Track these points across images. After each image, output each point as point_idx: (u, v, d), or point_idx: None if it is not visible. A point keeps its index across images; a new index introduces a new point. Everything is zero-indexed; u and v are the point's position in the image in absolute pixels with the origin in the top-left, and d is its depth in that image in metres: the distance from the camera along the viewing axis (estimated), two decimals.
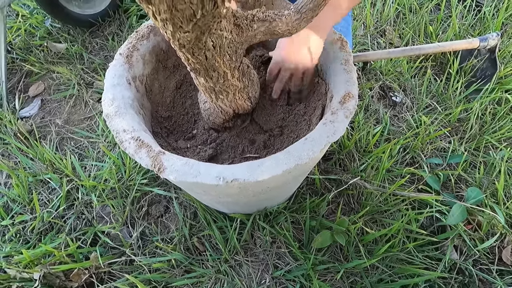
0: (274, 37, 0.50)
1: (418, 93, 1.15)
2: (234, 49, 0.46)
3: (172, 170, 0.49)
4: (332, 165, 0.95)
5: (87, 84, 1.19)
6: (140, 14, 1.41)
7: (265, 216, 0.84)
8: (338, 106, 0.55)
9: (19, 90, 1.19)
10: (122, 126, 0.54)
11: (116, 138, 0.53)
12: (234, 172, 0.48)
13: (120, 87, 0.61)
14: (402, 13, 1.38)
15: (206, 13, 0.32)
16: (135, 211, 0.89)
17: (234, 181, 0.48)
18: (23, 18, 1.37)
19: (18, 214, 0.89)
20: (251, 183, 0.48)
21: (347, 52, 0.63)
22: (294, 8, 0.47)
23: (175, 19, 0.31)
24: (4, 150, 1.02)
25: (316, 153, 0.50)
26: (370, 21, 1.32)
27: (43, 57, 1.25)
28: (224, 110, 0.61)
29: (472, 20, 1.34)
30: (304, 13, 0.47)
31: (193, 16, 0.31)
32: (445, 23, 1.36)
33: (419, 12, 1.35)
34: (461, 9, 1.36)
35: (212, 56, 0.43)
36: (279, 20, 0.47)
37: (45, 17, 1.38)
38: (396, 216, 0.86)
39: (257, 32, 0.47)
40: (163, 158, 0.50)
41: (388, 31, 1.33)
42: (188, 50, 0.39)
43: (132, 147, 0.51)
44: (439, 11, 1.39)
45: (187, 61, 0.43)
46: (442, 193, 0.91)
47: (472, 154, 1.01)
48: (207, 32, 0.36)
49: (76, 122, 1.11)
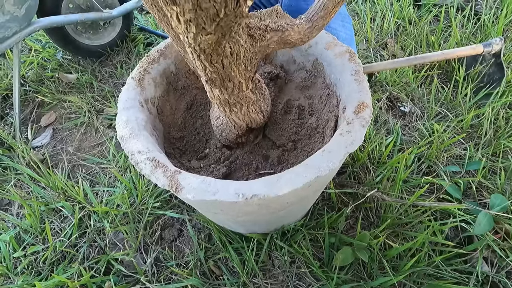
0: (287, 46, 0.51)
1: (427, 102, 1.14)
2: (248, 58, 0.47)
3: (189, 189, 0.47)
4: (346, 179, 0.93)
5: (98, 111, 1.21)
6: (147, 42, 1.46)
7: (283, 234, 0.81)
8: (353, 116, 0.55)
9: (32, 120, 1.22)
10: (137, 148, 0.54)
11: (132, 159, 0.53)
12: (253, 187, 0.47)
13: (133, 110, 0.61)
14: (402, 26, 1.41)
15: (229, 12, 0.32)
16: (148, 236, 0.86)
17: (253, 197, 0.46)
18: (36, 52, 1.42)
19: (30, 245, 0.87)
20: (271, 198, 0.47)
21: (356, 63, 0.63)
22: (305, 17, 0.48)
23: (199, 19, 0.32)
24: (16, 180, 1.03)
25: (335, 164, 0.48)
26: (371, 35, 1.35)
27: (54, 88, 1.29)
28: (238, 124, 0.61)
29: (473, 28, 1.35)
30: (316, 21, 0.47)
31: (216, 16, 0.32)
32: (446, 32, 1.38)
33: (418, 24, 1.38)
34: (460, 18, 1.38)
35: (229, 64, 0.43)
36: (291, 30, 0.48)
37: (56, 50, 1.43)
38: (419, 228, 0.82)
39: (271, 42, 0.48)
40: (180, 177, 0.49)
41: (390, 43, 1.35)
42: (207, 57, 0.39)
43: (148, 168, 0.51)
44: (438, 22, 1.42)
45: (204, 70, 0.43)
46: (464, 201, 0.87)
47: (490, 160, 0.98)
48: (228, 35, 0.37)
49: (87, 149, 1.12)
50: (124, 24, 1.38)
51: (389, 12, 1.41)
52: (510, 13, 1.34)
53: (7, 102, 1.28)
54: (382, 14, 1.43)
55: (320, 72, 0.73)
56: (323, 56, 0.71)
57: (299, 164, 0.50)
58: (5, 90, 1.29)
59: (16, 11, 0.95)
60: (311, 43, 0.73)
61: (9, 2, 0.91)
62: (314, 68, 0.75)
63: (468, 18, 1.39)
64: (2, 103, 1.27)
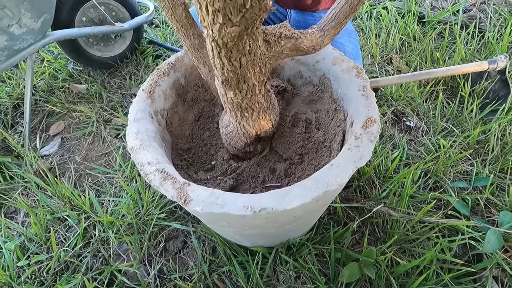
0: (300, 53, 0.52)
1: (432, 117, 1.14)
2: (264, 62, 0.49)
3: (198, 201, 0.48)
4: (352, 193, 0.93)
5: (105, 121, 1.23)
6: (155, 54, 1.49)
7: (288, 248, 0.80)
8: (361, 131, 0.55)
9: (41, 129, 1.24)
10: (146, 159, 0.54)
11: (141, 170, 0.53)
12: (261, 201, 0.47)
13: (144, 121, 0.62)
14: (406, 42, 1.43)
15: (254, 4, 0.35)
16: (153, 247, 0.86)
17: (262, 210, 0.46)
18: (48, 62, 1.46)
19: (34, 254, 0.87)
20: (279, 212, 0.47)
21: (363, 78, 0.64)
22: (317, 27, 0.50)
23: (226, 8, 0.34)
24: (24, 188, 1.03)
25: (344, 178, 0.48)
26: (376, 50, 1.37)
27: (64, 97, 1.31)
28: (247, 131, 0.62)
29: (477, 46, 1.37)
30: (327, 31, 0.49)
31: (243, 6, 0.34)
32: (450, 49, 1.39)
33: (423, 40, 1.40)
34: (465, 35, 1.40)
35: (246, 63, 0.45)
36: (304, 37, 0.50)
37: (67, 61, 1.47)
38: (427, 245, 0.81)
39: (284, 48, 0.50)
40: (189, 189, 0.50)
41: (395, 59, 1.37)
42: (227, 53, 0.41)
43: (157, 179, 0.51)
44: (443, 38, 1.44)
45: (222, 69, 0.45)
46: (473, 218, 0.86)
47: (498, 177, 0.97)
48: (250, 29, 0.39)
49: (94, 158, 1.13)
50: (134, 37, 1.42)
51: (394, 29, 1.44)
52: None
53: (17, 111, 1.31)
54: (387, 30, 1.46)
55: (327, 86, 0.74)
56: (330, 71, 0.72)
57: (307, 178, 0.50)
58: (16, 99, 1.32)
59: (32, 24, 0.99)
60: (319, 59, 0.75)
61: (27, 16, 0.94)
62: (321, 82, 0.76)
63: (473, 35, 1.40)
64: (13, 112, 1.30)
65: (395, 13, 1.51)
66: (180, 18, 0.58)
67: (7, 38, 0.95)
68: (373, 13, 1.55)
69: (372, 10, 1.57)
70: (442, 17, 1.50)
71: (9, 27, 0.92)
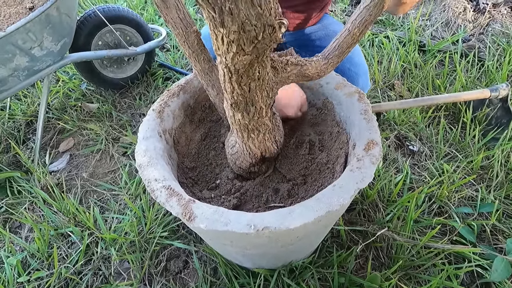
0: (305, 79, 0.56)
1: (435, 142, 1.15)
2: (271, 86, 0.51)
3: (202, 218, 0.49)
4: (356, 216, 0.92)
5: (114, 139, 1.26)
6: (165, 76, 1.55)
7: (290, 271, 0.79)
8: (363, 153, 0.57)
9: (51, 146, 1.27)
10: (154, 176, 0.56)
11: (148, 187, 0.55)
12: (265, 219, 0.48)
13: (152, 139, 0.65)
14: (408, 69, 1.47)
15: (266, 36, 0.38)
16: (153, 266, 0.85)
17: (265, 229, 0.47)
18: (63, 82, 1.53)
19: (35, 270, 0.86)
20: (282, 231, 0.47)
21: (365, 103, 0.67)
22: (322, 55, 0.53)
23: (240, 40, 0.37)
24: (30, 203, 1.05)
25: (346, 199, 0.49)
26: (379, 76, 1.41)
27: (76, 116, 1.36)
28: (253, 151, 0.64)
29: (477, 74, 1.40)
30: (331, 59, 0.53)
31: (255, 38, 0.37)
32: (451, 76, 1.43)
33: (424, 67, 1.44)
34: (465, 64, 1.44)
35: (254, 88, 0.48)
36: (309, 65, 0.53)
37: (81, 81, 1.53)
38: (433, 272, 0.79)
39: (290, 74, 0.53)
40: (194, 206, 0.51)
41: (397, 85, 1.41)
42: (238, 78, 0.44)
43: (164, 196, 0.53)
44: (443, 66, 1.48)
45: (232, 93, 0.48)
46: (479, 245, 0.85)
47: (503, 203, 0.96)
48: (260, 57, 0.42)
49: (101, 175, 1.15)
50: (146, 60, 1.49)
51: (395, 56, 1.49)
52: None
53: (30, 128, 1.35)
54: (388, 57, 1.51)
55: (330, 110, 0.77)
56: (333, 95, 0.75)
57: (310, 198, 0.51)
58: (30, 116, 1.37)
59: (52, 47, 1.05)
60: (322, 83, 0.78)
61: (48, 40, 1.01)
62: (325, 106, 0.79)
63: (472, 63, 1.45)
64: (25, 128, 1.34)
65: (396, 42, 1.57)
66: (192, 44, 0.62)
67: (28, 60, 1.01)
68: (375, 41, 1.61)
69: (374, 38, 1.63)
70: (442, 46, 1.55)
71: (31, 49, 0.99)
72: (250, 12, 0.34)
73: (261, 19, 0.35)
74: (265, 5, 0.34)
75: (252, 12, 0.34)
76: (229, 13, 0.34)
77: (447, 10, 1.74)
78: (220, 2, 0.33)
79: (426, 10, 1.80)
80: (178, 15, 0.61)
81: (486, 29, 1.66)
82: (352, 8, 1.96)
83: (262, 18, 0.35)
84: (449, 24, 1.71)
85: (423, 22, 1.75)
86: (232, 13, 0.34)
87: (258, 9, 0.34)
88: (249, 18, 0.34)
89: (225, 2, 0.33)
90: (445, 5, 1.76)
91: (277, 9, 0.37)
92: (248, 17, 0.34)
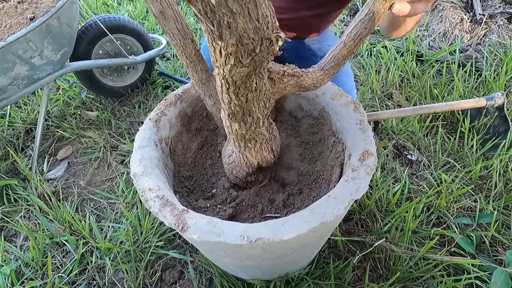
0: (302, 90, 0.56)
1: (433, 151, 1.15)
2: (268, 97, 0.52)
3: (195, 229, 0.48)
4: (353, 226, 0.91)
5: (112, 147, 1.26)
6: (165, 85, 1.56)
7: (286, 283, 0.78)
8: (358, 163, 0.56)
9: (49, 153, 1.27)
10: (148, 185, 0.56)
11: (142, 197, 0.55)
12: (258, 230, 0.48)
13: (148, 148, 0.65)
14: (406, 78, 1.48)
15: (263, 49, 0.38)
16: (148, 276, 0.84)
17: (258, 240, 0.46)
18: (63, 90, 1.54)
19: (29, 280, 0.86)
20: (275, 242, 0.47)
21: (361, 113, 0.67)
22: (318, 66, 0.54)
23: (238, 53, 0.37)
24: (26, 211, 1.04)
25: (340, 210, 0.49)
26: (377, 85, 1.42)
27: (75, 123, 1.37)
28: (250, 161, 0.64)
29: (475, 83, 1.41)
30: (327, 70, 0.53)
31: (252, 51, 0.38)
32: (449, 86, 1.44)
33: (422, 77, 1.45)
34: (462, 73, 1.45)
35: (252, 99, 0.48)
36: (305, 76, 0.53)
37: (81, 89, 1.55)
38: (431, 284, 0.78)
39: (287, 85, 0.54)
40: (187, 216, 0.50)
41: (395, 94, 1.41)
42: (235, 89, 0.45)
43: (157, 206, 0.52)
44: (441, 76, 1.49)
45: (229, 103, 0.48)
46: (478, 256, 0.84)
47: (502, 214, 0.95)
48: (258, 69, 0.42)
49: (98, 183, 1.14)
50: (146, 69, 1.50)
51: (393, 66, 1.50)
52: (510, 70, 1.41)
53: (29, 135, 1.36)
54: (386, 67, 1.52)
55: (326, 119, 0.77)
56: (329, 105, 0.75)
57: (305, 208, 0.51)
58: (29, 124, 1.38)
59: (53, 56, 1.06)
60: (318, 93, 0.78)
61: (48, 49, 1.02)
62: (321, 116, 0.79)
63: (470, 73, 1.45)
64: (25, 136, 1.34)
65: (394, 52, 1.58)
66: (190, 55, 0.63)
67: (28, 68, 1.02)
68: (373, 51, 1.63)
69: (372, 48, 1.65)
70: (440, 56, 1.56)
71: (31, 58, 1.00)
72: (248, 26, 0.34)
73: (259, 33, 0.36)
74: (262, 19, 0.35)
75: (250, 26, 0.34)
76: (227, 27, 0.34)
77: (444, 21, 1.76)
78: (219, 16, 0.33)
79: (423, 21, 1.82)
80: (176, 26, 0.62)
81: (483, 39, 1.68)
82: (351, 19, 1.98)
83: (259, 32, 0.36)
84: (447, 34, 1.73)
85: (421, 32, 1.77)
86: (230, 26, 0.34)
87: (255, 23, 0.35)
88: (247, 32, 0.35)
89: (223, 16, 0.33)
90: (442, 16, 1.78)
91: (274, 22, 0.37)
92: (246, 30, 0.35)
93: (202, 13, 0.33)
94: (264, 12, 0.34)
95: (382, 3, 0.49)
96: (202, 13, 0.33)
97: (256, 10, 0.33)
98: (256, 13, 0.34)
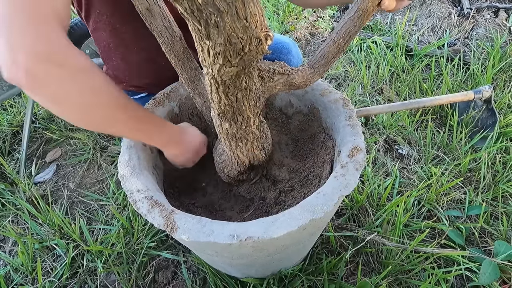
0: (292, 88, 0.56)
1: (423, 145, 1.16)
2: (258, 96, 0.51)
3: (185, 229, 0.48)
4: (346, 221, 0.92)
5: (102, 149, 1.24)
6: None
7: (280, 280, 0.78)
8: (347, 159, 0.56)
9: (37, 156, 1.25)
10: (136, 186, 0.55)
11: (130, 198, 0.54)
12: (248, 229, 0.47)
13: (136, 149, 0.64)
14: (395, 73, 1.49)
15: (252, 48, 0.37)
16: (141, 278, 0.83)
17: (248, 239, 0.46)
18: None
19: (19, 285, 0.84)
20: (266, 241, 0.47)
21: (350, 109, 0.67)
22: (308, 64, 0.53)
23: (226, 52, 0.37)
24: (14, 216, 1.02)
25: (330, 207, 0.49)
26: (367, 81, 1.42)
27: (63, 125, 1.34)
28: (241, 160, 0.63)
29: (463, 77, 1.43)
30: (317, 68, 0.53)
31: (241, 50, 0.37)
32: (438, 80, 1.45)
33: (411, 72, 1.46)
34: (451, 67, 1.47)
35: (242, 98, 0.47)
36: (295, 74, 0.53)
37: None
38: (422, 276, 0.79)
39: (277, 83, 0.53)
40: (176, 217, 0.50)
41: (385, 89, 1.42)
42: (225, 89, 0.44)
43: (145, 207, 0.52)
44: (430, 70, 1.50)
45: (219, 103, 0.48)
46: (468, 248, 0.85)
47: (490, 205, 0.97)
48: (247, 69, 0.42)
49: (88, 185, 1.13)
50: None
51: (383, 61, 1.51)
52: (497, 63, 1.43)
53: (16, 138, 1.33)
54: (376, 62, 1.53)
55: (316, 116, 0.77)
56: (318, 101, 0.75)
57: (295, 206, 0.51)
58: (16, 126, 1.35)
59: None
60: (307, 90, 0.78)
61: None
62: (311, 112, 0.79)
63: (458, 67, 1.47)
64: (11, 139, 1.31)
65: (383, 47, 1.59)
66: (178, 53, 0.62)
67: None
68: (363, 47, 1.63)
69: (362, 43, 1.65)
70: (429, 50, 1.58)
71: None
72: (236, 25, 0.34)
73: (247, 32, 0.35)
74: (251, 17, 0.34)
75: (238, 25, 0.34)
76: (214, 26, 0.33)
77: (432, 16, 1.77)
78: (206, 15, 0.32)
79: (412, 16, 1.84)
80: (164, 23, 0.60)
81: (470, 33, 1.70)
82: (341, 14, 1.98)
83: (248, 31, 0.35)
84: (435, 29, 1.75)
85: (410, 27, 1.78)
86: (218, 26, 0.33)
87: (244, 22, 0.34)
88: (235, 31, 0.34)
89: (210, 15, 0.32)
90: (431, 10, 1.80)
91: (263, 21, 0.37)
92: (234, 29, 0.34)
93: (188, 11, 0.32)
94: (252, 10, 0.34)
95: (371, 0, 0.49)
96: (188, 12, 0.32)
97: (244, 9, 0.33)
98: (244, 12, 0.33)
